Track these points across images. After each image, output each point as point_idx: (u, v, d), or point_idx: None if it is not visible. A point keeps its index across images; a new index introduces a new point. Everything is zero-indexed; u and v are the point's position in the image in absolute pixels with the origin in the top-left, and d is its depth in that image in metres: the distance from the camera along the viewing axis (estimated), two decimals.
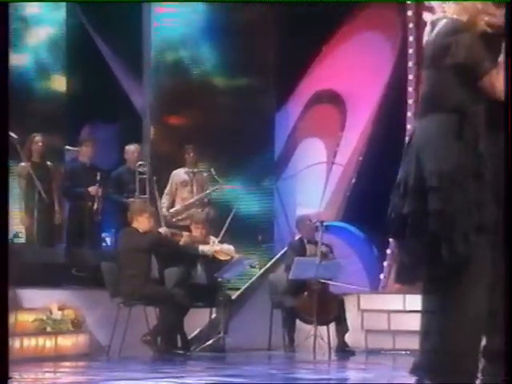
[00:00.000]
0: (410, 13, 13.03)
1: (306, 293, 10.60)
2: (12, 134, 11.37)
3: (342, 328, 10.66)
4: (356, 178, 13.88)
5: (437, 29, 4.48)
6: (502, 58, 4.46)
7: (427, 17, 4.63)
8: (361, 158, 13.84)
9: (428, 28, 4.59)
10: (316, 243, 10.77)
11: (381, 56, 13.67)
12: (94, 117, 14.08)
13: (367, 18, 13.95)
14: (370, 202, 12.90)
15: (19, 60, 13.55)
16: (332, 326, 10.75)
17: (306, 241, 11.17)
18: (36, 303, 9.70)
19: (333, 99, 14.17)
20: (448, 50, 4.39)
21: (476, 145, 4.43)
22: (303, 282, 10.62)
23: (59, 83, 13.99)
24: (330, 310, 10.56)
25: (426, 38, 4.60)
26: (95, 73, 13.94)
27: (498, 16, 4.58)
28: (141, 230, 9.95)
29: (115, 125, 14.12)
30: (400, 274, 4.84)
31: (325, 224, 11.01)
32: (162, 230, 10.50)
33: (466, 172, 4.40)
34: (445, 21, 4.47)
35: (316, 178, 14.13)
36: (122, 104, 14.08)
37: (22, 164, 11.35)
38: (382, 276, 12.79)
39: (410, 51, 13.03)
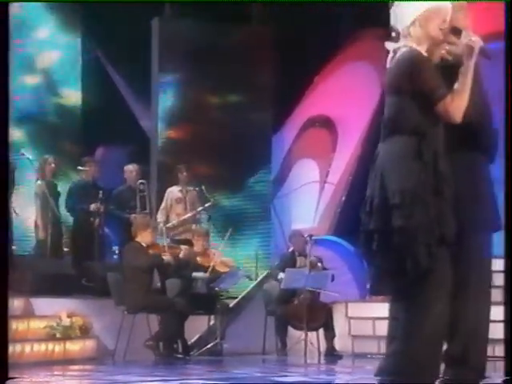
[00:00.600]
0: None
1: (296, 301, 10.68)
2: (27, 155, 11.56)
3: (330, 334, 10.76)
4: (346, 195, 13.99)
5: (397, 56, 4.53)
6: (457, 85, 4.53)
7: (389, 45, 4.63)
8: (351, 178, 13.94)
9: (390, 55, 4.63)
10: (306, 255, 10.83)
11: (369, 84, 13.73)
12: (106, 139, 14.28)
13: (357, 49, 14.09)
14: (358, 218, 13.00)
15: (34, 82, 13.72)
16: (321, 331, 10.82)
17: (297, 253, 11.24)
18: (47, 311, 9.79)
19: (325, 124, 14.28)
20: (406, 77, 4.47)
21: (435, 164, 4.49)
22: (294, 291, 10.70)
23: (74, 108, 14.14)
24: (318, 317, 10.64)
25: (388, 65, 4.63)
26: (108, 98, 14.13)
27: (458, 45, 4.64)
28: (144, 244, 10.04)
29: (126, 146, 14.24)
30: (372, 286, 4.82)
31: (316, 238, 11.12)
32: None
33: (426, 189, 4.46)
34: (404, 49, 4.51)
35: (310, 196, 14.22)
36: (132, 127, 14.29)
37: (38, 182, 11.47)
38: (368, 285, 12.82)
39: None
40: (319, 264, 10.89)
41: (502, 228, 4.94)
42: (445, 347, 4.71)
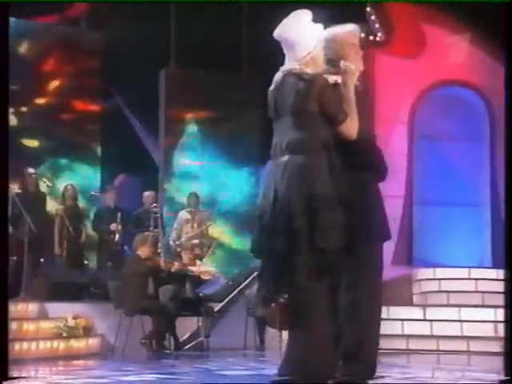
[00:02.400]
0: None
1: (273, 304, 10.31)
2: (47, 182, 11.39)
3: None
4: None
5: (303, 80, 4.18)
6: (353, 112, 4.28)
7: (284, 68, 4.29)
8: None
9: (280, 77, 4.29)
10: None
11: None
12: (124, 169, 14.12)
13: None
14: None
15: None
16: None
17: None
18: (59, 313, 9.58)
19: None
20: (314, 99, 4.15)
21: (338, 178, 4.22)
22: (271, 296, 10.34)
23: (94, 144, 14.04)
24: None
25: (278, 86, 4.27)
26: (125, 135, 13.97)
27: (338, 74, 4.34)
28: (142, 256, 9.82)
29: (139, 176, 14.10)
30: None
31: None
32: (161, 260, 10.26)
33: (332, 201, 4.14)
34: (309, 75, 4.18)
35: None
36: (144, 159, 14.19)
37: (58, 206, 11.35)
38: None
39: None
40: None
41: (390, 238, 4.68)
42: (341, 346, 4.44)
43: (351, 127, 4.26)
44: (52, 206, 11.77)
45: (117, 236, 11.52)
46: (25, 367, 7.68)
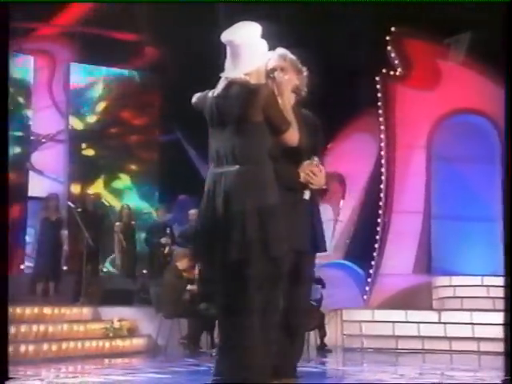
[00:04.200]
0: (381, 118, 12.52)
1: None
2: (104, 202, 11.09)
3: (322, 333, 9.87)
4: (353, 230, 13.18)
5: (248, 89, 3.68)
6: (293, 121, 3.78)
7: (227, 75, 3.75)
8: (356, 217, 13.19)
9: (224, 84, 3.75)
10: None
11: (369, 149, 13.07)
12: (178, 191, 13.74)
13: (360, 122, 13.40)
14: (361, 247, 12.40)
15: None
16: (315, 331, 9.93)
17: None
18: (108, 316, 9.20)
19: (337, 177, 13.59)
20: (259, 109, 3.63)
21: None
22: None
23: (153, 169, 13.77)
24: (312, 320, 9.70)
25: (221, 93, 3.73)
26: (180, 161, 13.63)
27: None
28: (180, 268, 9.32)
29: (190, 196, 13.74)
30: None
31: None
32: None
33: (278, 209, 3.66)
34: (253, 84, 3.70)
35: (326, 230, 13.45)
36: (196, 182, 13.74)
37: (117, 223, 11.01)
38: (365, 297, 12.04)
39: (382, 144, 12.49)
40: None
41: (326, 250, 4.19)
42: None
43: (293, 135, 3.76)
44: (110, 223, 11.46)
45: (166, 249, 11.07)
46: (73, 364, 7.38)
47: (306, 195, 3.91)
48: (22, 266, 11.51)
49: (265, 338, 3.59)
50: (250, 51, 3.69)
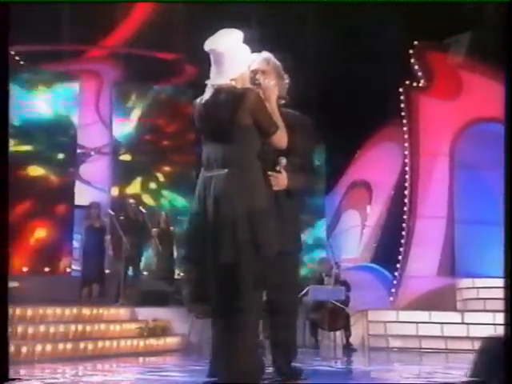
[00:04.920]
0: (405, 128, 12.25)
1: (323, 310, 9.59)
2: (142, 210, 11.02)
3: (347, 333, 9.61)
4: (380, 234, 12.95)
5: (235, 94, 3.55)
6: (281, 124, 3.64)
7: (213, 82, 3.61)
8: (382, 222, 12.91)
9: (211, 92, 3.62)
10: (331, 276, 9.78)
11: (394, 156, 12.81)
12: None
13: (386, 132, 13.18)
14: (388, 250, 12.15)
15: None
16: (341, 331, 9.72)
17: (324, 274, 10.10)
18: (144, 316, 9.09)
19: (364, 184, 13.41)
20: (248, 112, 3.50)
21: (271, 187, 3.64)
22: (321, 303, 9.60)
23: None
24: (338, 321, 9.52)
25: (210, 99, 3.61)
26: None
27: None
28: None
29: None
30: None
31: (340, 264, 10.13)
32: None
33: (268, 210, 3.53)
34: (239, 89, 3.58)
35: (354, 235, 13.35)
36: None
37: (153, 229, 10.92)
38: (391, 298, 11.76)
39: (406, 152, 12.23)
40: (339, 283, 9.83)
41: (302, 250, 4.04)
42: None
43: (282, 138, 3.64)
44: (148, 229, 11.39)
45: None
46: (109, 362, 7.29)
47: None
48: (68, 270, 11.52)
49: (255, 338, 3.45)
50: (233, 58, 3.57)
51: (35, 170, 11.84)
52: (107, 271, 10.58)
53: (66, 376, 5.93)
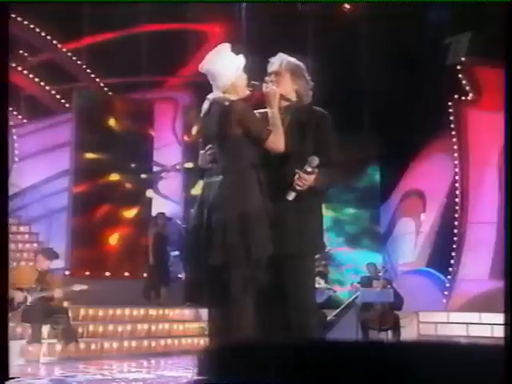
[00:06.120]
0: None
1: (372, 311, 9.15)
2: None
3: (397, 333, 9.06)
4: (434, 240, 12.33)
5: (223, 106, 3.40)
6: (271, 124, 3.40)
7: (209, 96, 3.50)
8: (436, 229, 12.31)
9: (207, 105, 3.50)
10: (378, 279, 9.33)
11: (446, 166, 12.24)
12: None
13: (438, 144, 12.60)
14: (442, 255, 11.63)
15: None
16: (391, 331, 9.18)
17: (372, 278, 9.65)
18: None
19: (417, 194, 12.84)
20: (235, 123, 3.34)
21: (270, 194, 3.36)
22: (371, 304, 9.16)
23: None
24: (387, 321, 9.05)
25: (207, 113, 3.49)
26: None
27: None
28: None
29: None
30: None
31: (384, 268, 9.69)
32: None
33: (262, 215, 3.30)
34: (227, 101, 3.41)
35: (410, 241, 12.78)
36: None
37: None
38: (444, 300, 11.19)
39: (456, 162, 11.65)
40: (388, 285, 9.37)
41: (323, 252, 3.66)
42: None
43: (277, 142, 3.39)
44: None
45: None
46: (171, 359, 7.17)
47: (290, 196, 3.45)
48: (144, 275, 11.51)
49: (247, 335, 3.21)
50: (223, 71, 3.46)
51: (115, 178, 11.65)
52: (179, 276, 10.50)
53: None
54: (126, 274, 10.79)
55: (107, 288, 9.56)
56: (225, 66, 3.47)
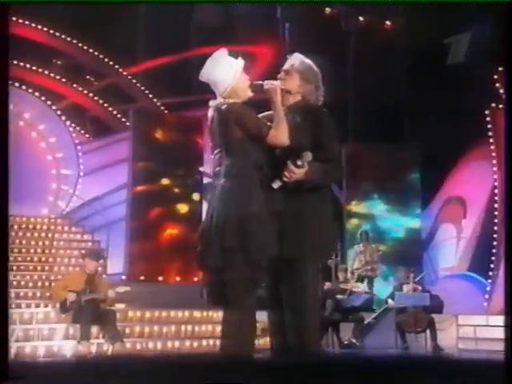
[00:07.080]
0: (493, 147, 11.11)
1: (406, 313, 8.66)
2: None
3: (433, 335, 8.50)
4: (475, 246, 11.75)
5: (221, 111, 3.27)
6: (274, 119, 3.21)
7: (211, 103, 3.36)
8: (477, 234, 11.74)
9: (212, 112, 3.34)
10: (408, 284, 8.87)
11: (485, 173, 11.66)
12: None
13: (477, 151, 12.04)
14: (482, 259, 11.14)
15: None
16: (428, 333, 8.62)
17: (402, 282, 9.10)
18: None
19: (458, 200, 12.30)
20: (234, 126, 3.20)
21: (274, 194, 3.19)
22: (405, 307, 8.66)
23: None
24: (421, 324, 8.54)
25: (212, 119, 3.34)
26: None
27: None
28: None
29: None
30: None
31: (414, 272, 9.17)
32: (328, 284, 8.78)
33: (266, 215, 3.16)
34: (225, 105, 3.26)
35: (451, 246, 12.24)
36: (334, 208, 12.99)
37: None
38: (485, 304, 10.57)
39: (495, 168, 11.05)
40: (419, 288, 8.88)
41: (331, 257, 3.39)
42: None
43: (279, 136, 3.20)
44: None
45: None
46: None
47: (275, 184, 3.21)
48: (195, 279, 11.37)
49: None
50: (221, 77, 3.32)
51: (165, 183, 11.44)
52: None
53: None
54: (178, 278, 10.69)
55: (159, 290, 9.49)
56: (222, 71, 3.32)
